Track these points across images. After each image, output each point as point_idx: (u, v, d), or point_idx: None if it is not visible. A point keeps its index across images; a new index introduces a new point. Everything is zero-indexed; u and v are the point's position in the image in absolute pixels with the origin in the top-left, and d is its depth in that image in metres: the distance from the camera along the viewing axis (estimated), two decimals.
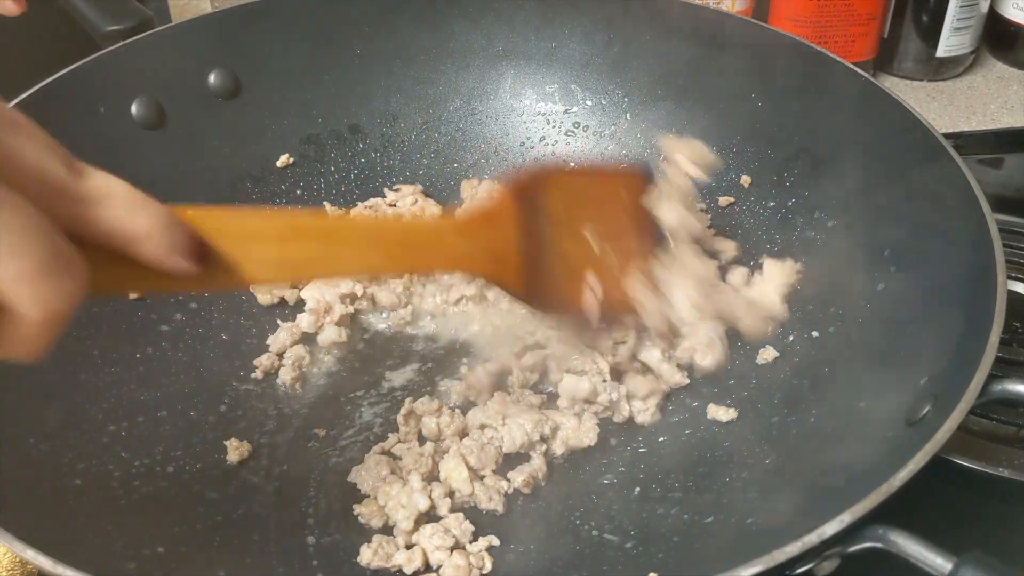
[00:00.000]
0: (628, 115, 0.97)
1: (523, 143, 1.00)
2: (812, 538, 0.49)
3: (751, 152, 0.90)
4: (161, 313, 0.82)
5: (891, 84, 1.26)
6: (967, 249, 0.66)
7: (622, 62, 0.96)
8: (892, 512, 0.51)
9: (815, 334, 0.77)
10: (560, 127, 0.99)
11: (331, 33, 0.95)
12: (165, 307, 0.82)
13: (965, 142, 1.12)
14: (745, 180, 0.89)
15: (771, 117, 0.88)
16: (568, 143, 0.99)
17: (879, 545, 0.51)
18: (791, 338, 0.79)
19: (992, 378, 0.57)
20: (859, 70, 0.82)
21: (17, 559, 0.72)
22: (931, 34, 1.22)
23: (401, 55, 0.98)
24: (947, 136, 0.75)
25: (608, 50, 0.97)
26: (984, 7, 1.21)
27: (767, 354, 0.79)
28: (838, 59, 0.84)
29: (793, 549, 0.49)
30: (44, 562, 0.51)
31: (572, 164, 0.91)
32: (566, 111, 0.99)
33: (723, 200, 0.90)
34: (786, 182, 0.86)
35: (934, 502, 0.65)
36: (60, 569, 0.50)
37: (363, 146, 0.98)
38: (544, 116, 0.99)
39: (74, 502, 0.64)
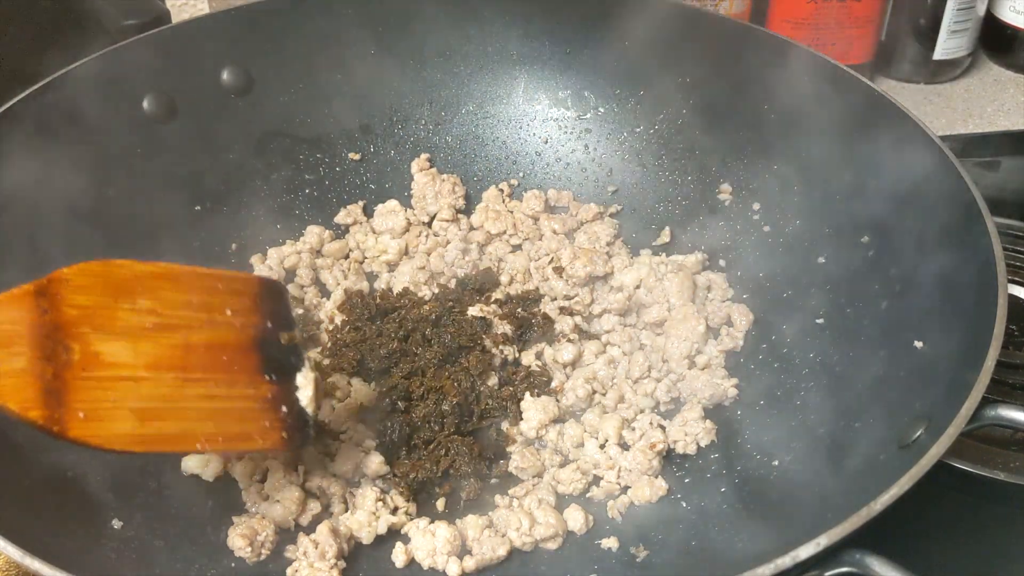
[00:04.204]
0: (641, 124, 0.96)
1: (535, 148, 1.00)
2: (785, 560, 0.49)
3: (758, 161, 0.89)
4: None
5: (888, 87, 1.26)
6: (967, 267, 0.66)
7: (637, 70, 0.96)
8: (893, 512, 0.51)
9: (813, 355, 0.76)
10: (572, 132, 0.99)
11: (345, 33, 0.95)
12: None
13: (962, 145, 1.12)
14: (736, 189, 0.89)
15: (783, 128, 0.87)
16: (580, 150, 0.99)
17: (855, 570, 0.50)
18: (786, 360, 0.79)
19: (986, 402, 0.56)
20: (856, 74, 0.82)
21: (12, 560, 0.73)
22: (928, 37, 1.22)
23: (415, 56, 0.98)
24: (944, 139, 0.74)
25: (623, 58, 0.96)
26: (981, 10, 1.22)
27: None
28: (836, 63, 0.83)
29: (765, 571, 0.48)
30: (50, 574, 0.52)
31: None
32: (579, 117, 0.99)
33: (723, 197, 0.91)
34: (786, 191, 0.87)
35: (931, 504, 0.64)
36: None
37: (374, 148, 0.99)
38: (556, 122, 0.99)
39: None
